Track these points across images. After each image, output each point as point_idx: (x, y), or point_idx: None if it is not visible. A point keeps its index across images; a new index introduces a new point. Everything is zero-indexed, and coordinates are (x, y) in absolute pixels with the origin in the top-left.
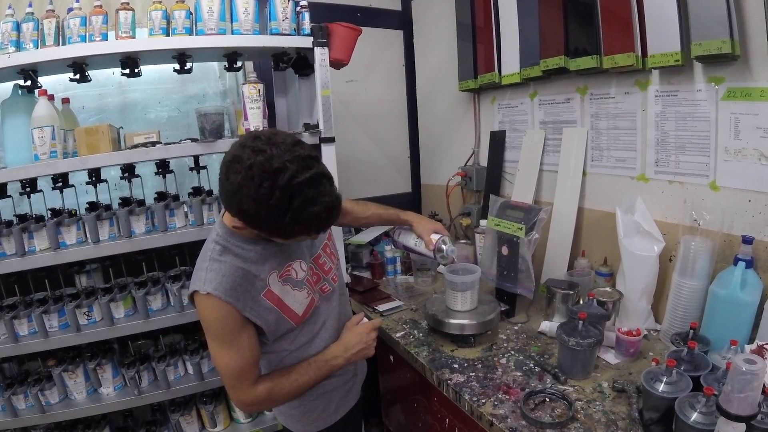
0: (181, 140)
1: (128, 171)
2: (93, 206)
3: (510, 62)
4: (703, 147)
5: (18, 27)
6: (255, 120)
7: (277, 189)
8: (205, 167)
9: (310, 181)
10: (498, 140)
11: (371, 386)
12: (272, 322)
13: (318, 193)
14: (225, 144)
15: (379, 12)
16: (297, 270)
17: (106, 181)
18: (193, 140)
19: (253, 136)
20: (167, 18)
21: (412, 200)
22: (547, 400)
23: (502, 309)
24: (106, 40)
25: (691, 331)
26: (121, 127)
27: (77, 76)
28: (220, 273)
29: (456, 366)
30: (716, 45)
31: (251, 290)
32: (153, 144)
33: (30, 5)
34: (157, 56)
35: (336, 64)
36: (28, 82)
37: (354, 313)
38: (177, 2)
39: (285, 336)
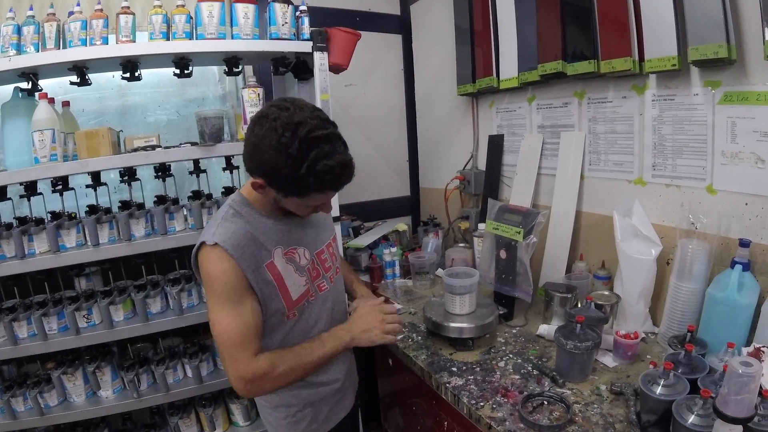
0: (180, 144)
1: (128, 174)
2: (93, 209)
3: (508, 66)
4: (700, 151)
5: (19, 30)
6: None
7: (297, 140)
8: (204, 171)
9: (327, 137)
10: (496, 144)
11: (370, 390)
12: (266, 295)
13: (333, 149)
14: (224, 148)
15: (378, 16)
16: (301, 256)
17: (105, 184)
18: (193, 144)
19: (280, 98)
20: (167, 22)
21: (410, 204)
22: (545, 403)
23: (501, 312)
24: (107, 43)
25: (689, 334)
26: (121, 131)
27: (78, 80)
28: (229, 230)
29: (454, 369)
30: (713, 49)
31: (256, 255)
32: (153, 147)
33: (31, 8)
34: (157, 60)
35: (335, 68)
36: (29, 85)
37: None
38: (177, 6)
39: (275, 331)
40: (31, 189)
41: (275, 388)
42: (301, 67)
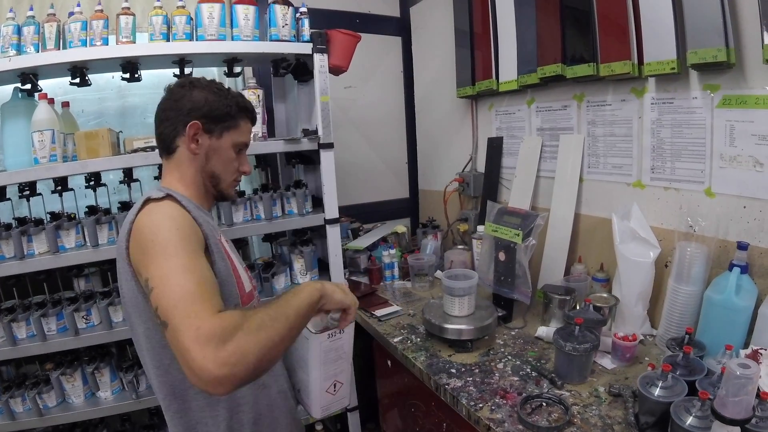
0: None
1: (127, 175)
2: (92, 210)
3: (507, 69)
4: (698, 154)
5: (19, 30)
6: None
7: (214, 82)
8: None
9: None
10: (495, 146)
11: (369, 391)
12: (221, 272)
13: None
14: None
15: (378, 18)
16: (238, 259)
17: (105, 185)
18: None
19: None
20: (168, 23)
21: (409, 206)
22: (544, 404)
23: (500, 314)
24: (107, 44)
25: (687, 336)
26: (121, 132)
27: (77, 80)
28: (179, 194)
29: (453, 371)
30: (712, 53)
31: (210, 223)
32: (152, 148)
33: (31, 9)
34: (157, 61)
35: (335, 70)
36: (29, 86)
37: None
38: (178, 7)
39: None
40: (30, 189)
41: (257, 351)
42: (300, 68)
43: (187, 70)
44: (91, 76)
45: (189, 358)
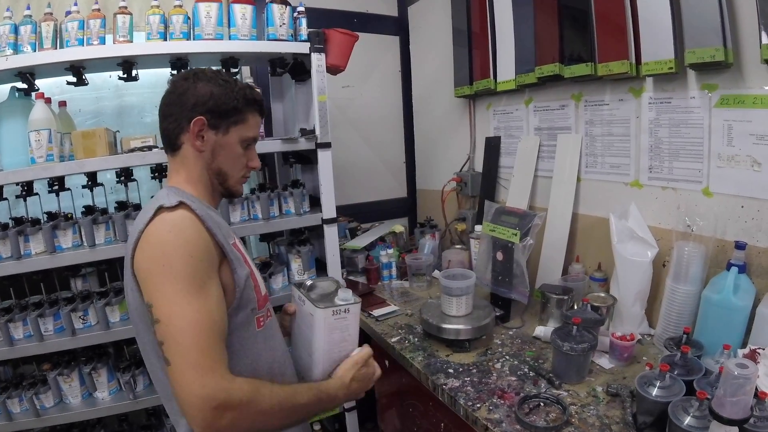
0: None
1: (124, 175)
2: (89, 210)
3: (505, 69)
4: (696, 153)
5: (16, 29)
6: None
7: (220, 73)
8: None
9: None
10: (493, 146)
11: (367, 390)
12: (241, 279)
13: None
14: None
15: (376, 18)
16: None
17: (102, 184)
18: None
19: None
20: (165, 22)
21: (407, 205)
22: (542, 404)
23: (497, 314)
24: (104, 43)
25: (685, 336)
26: (118, 131)
27: (74, 80)
28: (189, 197)
29: (451, 371)
30: (710, 53)
31: (222, 227)
32: (149, 148)
33: (28, 8)
34: (154, 60)
35: (333, 69)
36: (25, 85)
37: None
38: (175, 7)
39: (245, 348)
40: (27, 189)
41: (248, 429)
42: (298, 68)
43: (184, 70)
44: (88, 76)
45: (186, 406)
